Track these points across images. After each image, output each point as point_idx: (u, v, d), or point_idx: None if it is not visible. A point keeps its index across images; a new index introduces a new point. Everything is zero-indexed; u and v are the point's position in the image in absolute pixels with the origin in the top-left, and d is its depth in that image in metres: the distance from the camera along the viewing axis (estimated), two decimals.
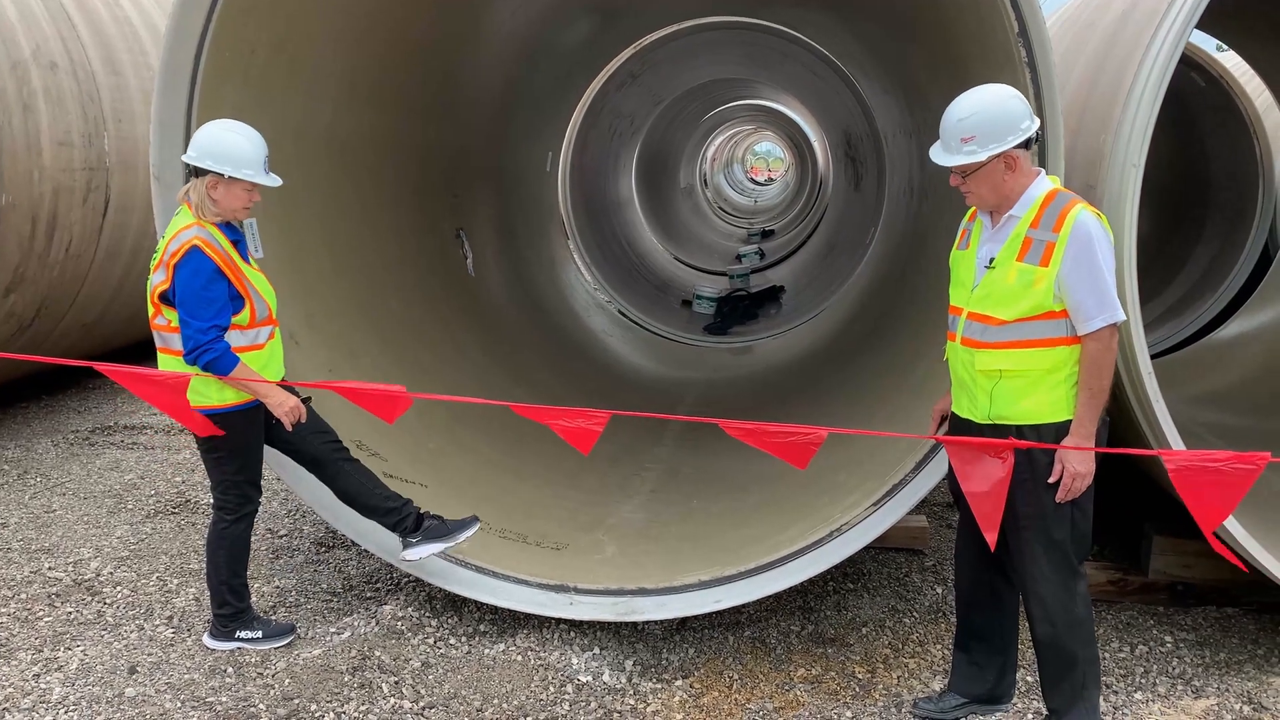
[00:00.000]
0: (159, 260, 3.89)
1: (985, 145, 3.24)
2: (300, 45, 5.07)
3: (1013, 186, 3.32)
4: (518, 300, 8.98)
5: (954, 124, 3.29)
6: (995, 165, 3.27)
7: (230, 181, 3.88)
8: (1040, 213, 3.28)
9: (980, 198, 3.36)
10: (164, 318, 3.92)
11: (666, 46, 11.12)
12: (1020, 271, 3.27)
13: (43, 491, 6.18)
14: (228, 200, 3.91)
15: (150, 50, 8.30)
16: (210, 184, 3.89)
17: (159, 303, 3.91)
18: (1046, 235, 3.24)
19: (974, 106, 3.28)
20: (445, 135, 7.43)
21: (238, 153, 3.87)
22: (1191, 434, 6.01)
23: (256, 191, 3.99)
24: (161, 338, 3.97)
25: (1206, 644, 4.49)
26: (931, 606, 4.80)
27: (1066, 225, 3.21)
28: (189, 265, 3.79)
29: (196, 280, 3.79)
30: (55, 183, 6.96)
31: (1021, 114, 3.28)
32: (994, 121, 3.24)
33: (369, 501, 4.30)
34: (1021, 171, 3.31)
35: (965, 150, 3.27)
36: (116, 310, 8.28)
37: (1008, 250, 3.32)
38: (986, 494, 3.27)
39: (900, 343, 6.44)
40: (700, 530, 5.26)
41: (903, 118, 7.91)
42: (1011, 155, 3.26)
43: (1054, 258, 3.21)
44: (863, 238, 11.21)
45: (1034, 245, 3.26)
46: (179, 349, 3.88)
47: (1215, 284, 9.04)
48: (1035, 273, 3.25)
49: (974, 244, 3.47)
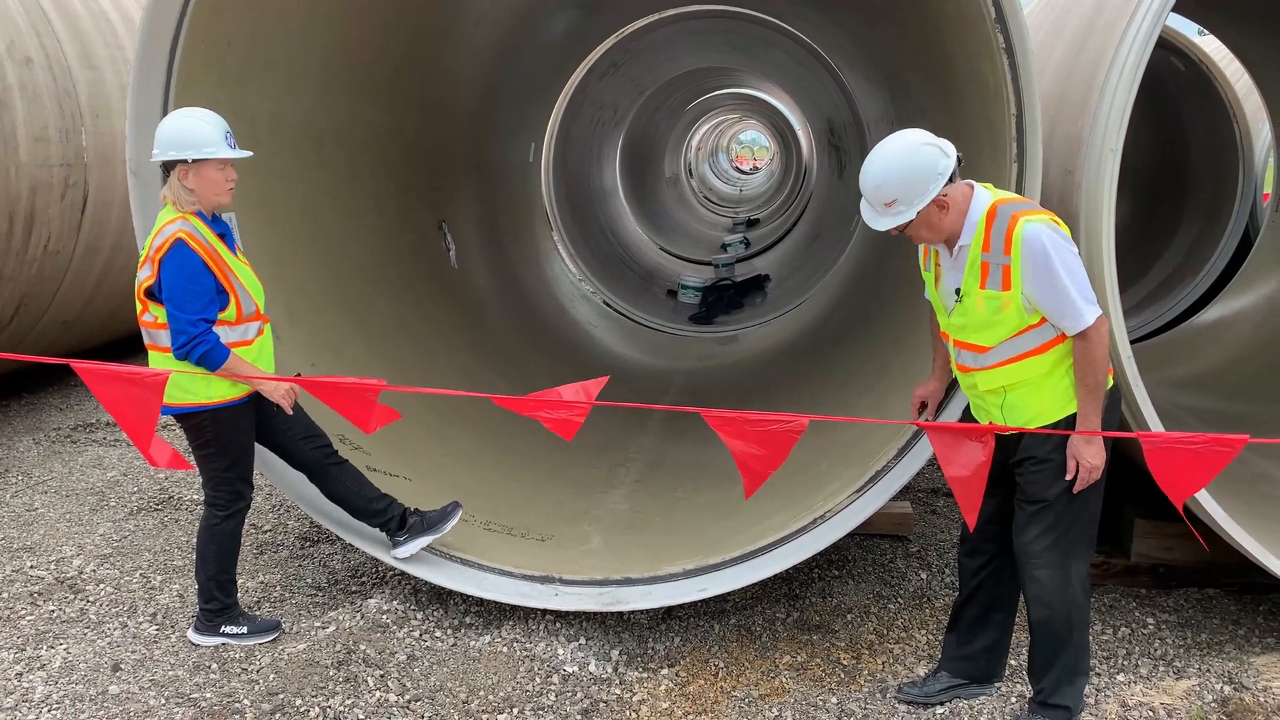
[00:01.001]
0: (145, 256, 3.86)
1: (909, 203, 3.25)
2: (276, 38, 5.04)
3: (953, 221, 3.32)
4: (501, 292, 8.96)
5: (872, 190, 3.29)
6: (928, 210, 3.26)
7: (200, 166, 3.84)
8: (987, 235, 3.27)
9: (925, 239, 3.40)
10: (151, 314, 3.90)
11: (648, 36, 11.09)
12: (987, 298, 3.30)
13: (24, 490, 6.14)
14: (203, 186, 3.87)
15: (127, 45, 8.22)
16: (181, 174, 3.85)
17: (145, 299, 3.88)
18: (999, 259, 3.24)
19: (886, 171, 3.26)
20: (426, 127, 7.40)
21: (196, 134, 3.83)
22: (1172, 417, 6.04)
23: (230, 169, 3.94)
24: (150, 334, 3.94)
25: (1188, 625, 4.52)
26: (916, 592, 4.83)
27: (1015, 245, 3.20)
28: (174, 259, 3.77)
29: (182, 274, 3.77)
30: (32, 179, 6.90)
31: (934, 160, 3.24)
32: (909, 180, 3.23)
33: (357, 504, 4.34)
34: (955, 204, 3.30)
35: (893, 212, 3.27)
36: (97, 307, 8.22)
37: (970, 278, 3.34)
38: (968, 478, 3.29)
39: (883, 331, 6.46)
40: (685, 520, 5.27)
41: (885, 106, 7.92)
42: (938, 198, 3.25)
43: (1013, 279, 3.23)
44: (846, 226, 11.22)
45: (991, 269, 3.27)
46: (168, 345, 3.86)
47: (1196, 268, 9.09)
48: (1001, 298, 3.27)
49: (936, 270, 3.49)
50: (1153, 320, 8.93)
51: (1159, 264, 9.54)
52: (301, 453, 4.24)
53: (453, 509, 4.45)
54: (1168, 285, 9.28)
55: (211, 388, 3.89)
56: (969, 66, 4.54)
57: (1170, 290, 9.18)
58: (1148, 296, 9.40)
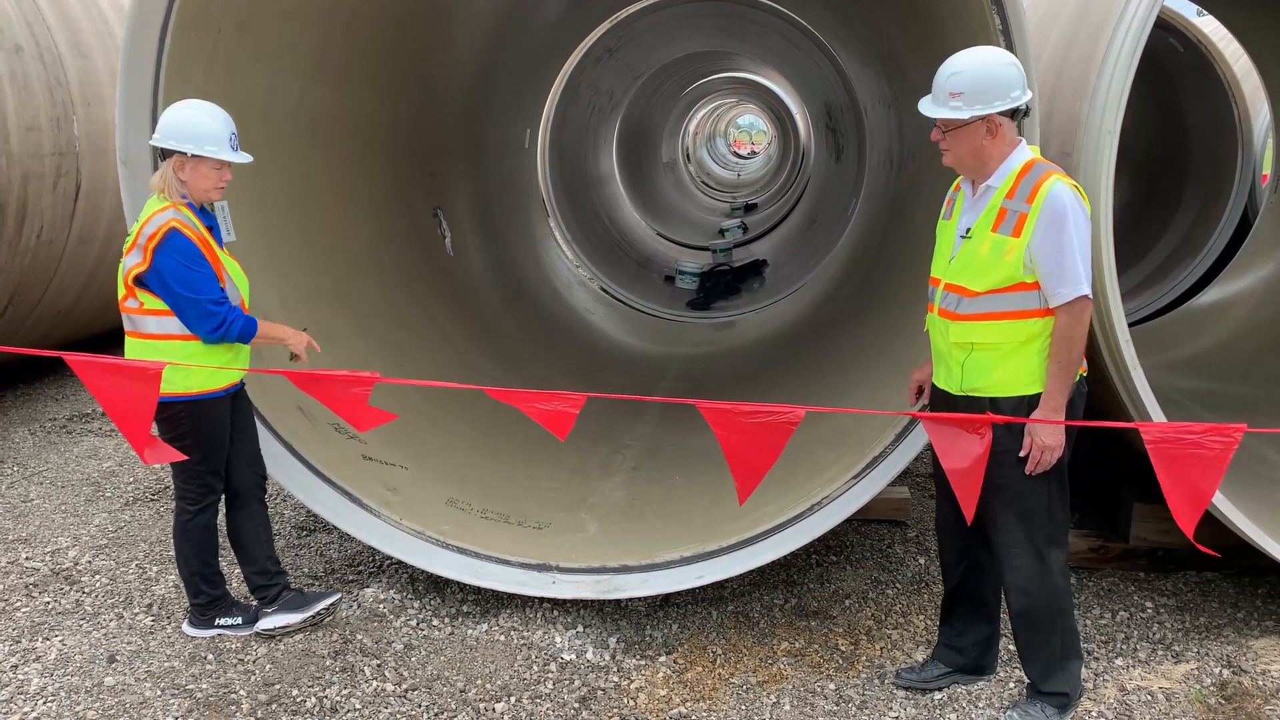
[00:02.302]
0: (132, 243, 3.80)
1: (971, 104, 3.22)
2: (266, 23, 4.98)
3: (991, 154, 3.29)
4: (497, 279, 8.93)
5: (945, 78, 3.27)
6: (977, 127, 3.24)
7: (197, 160, 3.80)
8: (1016, 183, 3.27)
9: (956, 157, 3.34)
10: (136, 300, 3.84)
11: (643, 20, 11.03)
12: (994, 242, 3.26)
13: (19, 481, 6.12)
14: (196, 180, 3.84)
15: (117, 32, 8.16)
16: (176, 164, 3.82)
17: (133, 285, 3.82)
18: (1020, 206, 3.23)
19: (968, 64, 3.26)
20: (420, 112, 7.35)
21: (201, 130, 3.80)
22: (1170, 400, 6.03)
23: (226, 170, 3.91)
24: (131, 320, 3.88)
25: (1186, 609, 4.52)
26: (914, 577, 4.82)
27: (1040, 196, 3.19)
28: (172, 247, 3.72)
29: (186, 261, 3.74)
30: (24, 169, 6.85)
31: (1014, 82, 3.25)
32: (984, 82, 3.22)
33: (254, 552, 4.21)
34: (1003, 140, 3.28)
35: (950, 105, 3.24)
36: (91, 296, 8.19)
37: (983, 220, 3.31)
38: (966, 470, 3.25)
39: (880, 315, 6.43)
40: (682, 507, 5.25)
41: (881, 88, 7.87)
42: (995, 121, 3.24)
43: (1025, 228, 3.20)
44: (844, 210, 11.19)
45: (1008, 215, 3.25)
46: (150, 332, 3.82)
47: (1194, 250, 9.06)
48: (1007, 243, 3.23)
49: (956, 214, 3.46)
50: (1152, 302, 8.90)
51: (1157, 246, 9.51)
52: (242, 473, 4.16)
53: (330, 594, 4.32)
54: (1166, 267, 9.25)
55: (190, 378, 3.83)
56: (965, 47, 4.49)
57: (1169, 272, 9.15)
58: (1146, 279, 9.37)
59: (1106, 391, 4.28)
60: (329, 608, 4.27)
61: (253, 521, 4.20)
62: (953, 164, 3.39)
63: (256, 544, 4.20)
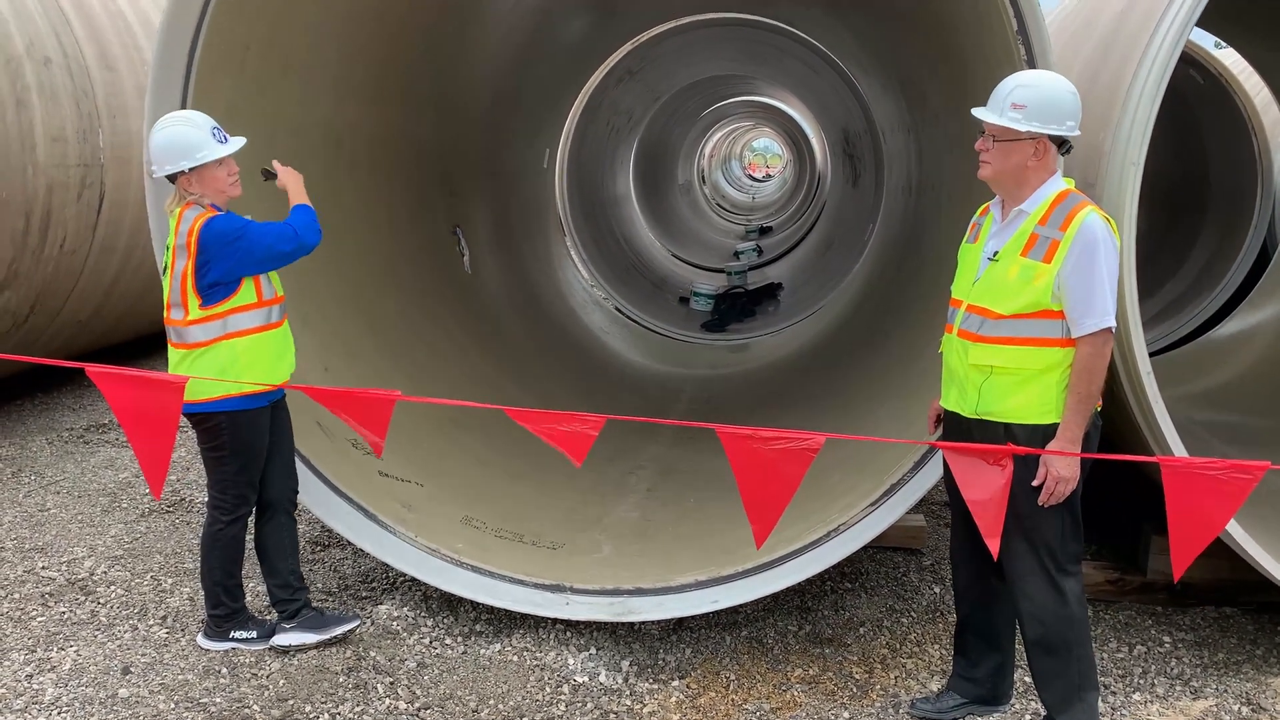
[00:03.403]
0: (173, 251, 3.85)
1: (1030, 119, 3.23)
2: (294, 39, 5.04)
3: (1030, 176, 3.30)
4: (514, 297, 8.95)
5: (1010, 88, 3.29)
6: (1026, 145, 3.26)
7: (199, 170, 3.85)
8: (1050, 211, 3.28)
9: (996, 171, 3.34)
10: (183, 309, 3.85)
11: (664, 43, 11.09)
12: (1023, 267, 3.27)
13: (37, 490, 6.15)
14: (207, 186, 3.89)
15: (144, 45, 8.25)
16: (184, 183, 3.87)
17: (189, 289, 3.82)
18: (1053, 233, 3.23)
19: (1036, 80, 3.31)
20: (442, 131, 7.40)
21: (186, 141, 3.83)
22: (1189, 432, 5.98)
23: (230, 161, 3.94)
24: (177, 333, 3.91)
25: (1205, 644, 4.48)
26: (929, 606, 4.79)
27: (1074, 225, 3.20)
28: (214, 226, 3.78)
29: (231, 228, 3.80)
30: (49, 179, 6.92)
31: (1072, 111, 3.28)
32: (1049, 101, 3.25)
33: (279, 565, 4.21)
34: (1044, 165, 3.30)
35: (1010, 115, 3.26)
36: (111, 306, 8.24)
37: (1013, 245, 3.32)
38: (988, 501, 3.24)
39: (898, 341, 6.42)
40: (697, 529, 5.24)
41: (901, 114, 7.89)
42: (1045, 143, 3.27)
43: (1057, 255, 3.21)
44: (860, 235, 11.19)
45: (1039, 241, 3.26)
46: (197, 340, 3.85)
47: (1213, 281, 9.03)
48: (1037, 269, 3.24)
49: (982, 238, 3.46)
50: (1170, 334, 8.87)
51: (1176, 277, 9.48)
52: (276, 485, 4.17)
53: (350, 617, 4.31)
54: (1185, 298, 9.22)
55: (239, 384, 3.86)
56: (988, 75, 4.50)
57: (1187, 303, 9.11)
58: (1164, 309, 9.34)
59: (1127, 423, 4.26)
60: (347, 633, 4.26)
61: (280, 534, 4.21)
62: (989, 177, 3.38)
63: (281, 557, 4.21)
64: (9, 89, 6.57)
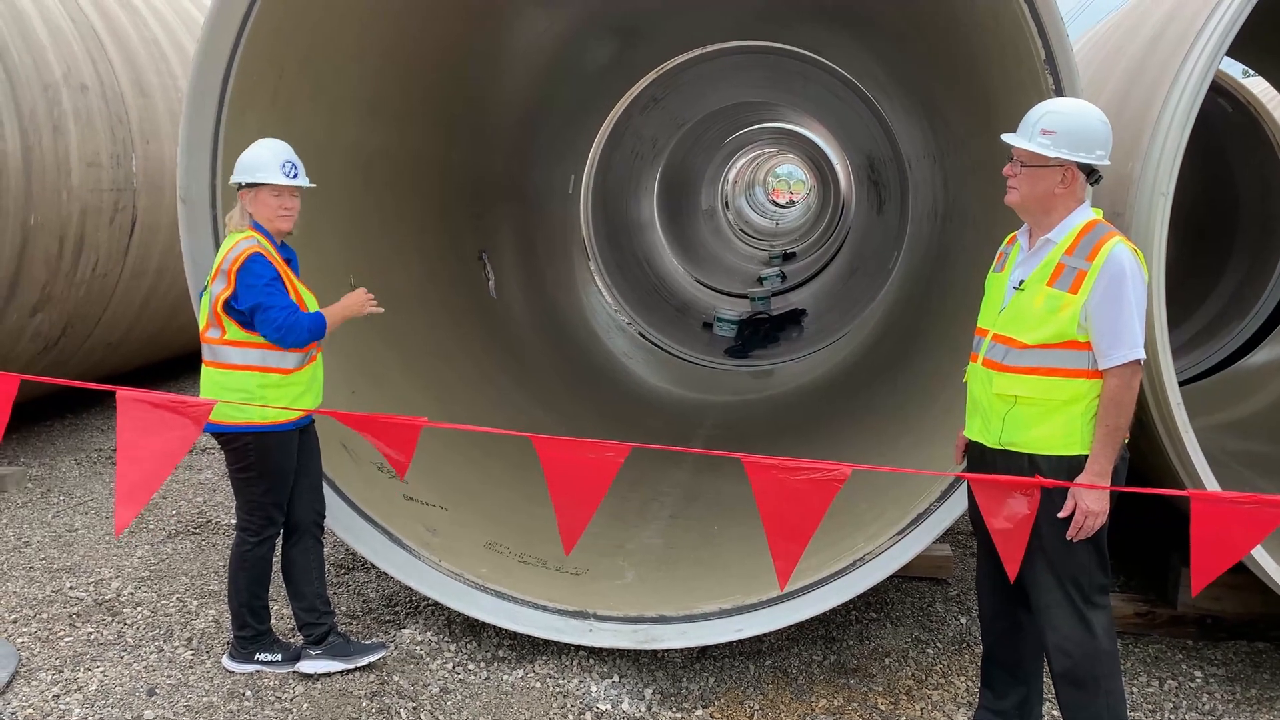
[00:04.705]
0: (215, 271, 3.93)
1: (1059, 146, 3.22)
2: (325, 66, 5.11)
3: (1057, 204, 3.29)
4: (539, 321, 8.99)
5: (1040, 114, 3.29)
6: (1054, 172, 3.25)
7: (256, 190, 3.97)
8: (1077, 241, 3.26)
9: (1023, 198, 3.33)
10: (219, 329, 3.94)
11: (689, 70, 11.16)
12: (1048, 296, 3.25)
13: (65, 510, 6.20)
14: (259, 209, 4.00)
15: (178, 72, 8.39)
16: (243, 196, 4.02)
17: (221, 313, 3.92)
18: (1079, 263, 3.21)
19: (1066, 107, 3.31)
20: (469, 156, 7.46)
21: (255, 160, 3.98)
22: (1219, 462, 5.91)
23: (286, 197, 4.03)
24: (212, 351, 3.98)
25: (1237, 679, 4.40)
26: (955, 637, 4.74)
27: (1101, 256, 3.18)
28: (252, 269, 3.87)
29: (261, 279, 3.87)
30: (83, 203, 7.02)
31: (1102, 141, 3.27)
32: (1079, 129, 3.24)
33: (304, 588, 4.22)
34: (1072, 194, 3.29)
35: (1039, 141, 3.25)
36: (141, 328, 8.33)
37: (1039, 274, 3.30)
38: (1011, 531, 3.21)
39: (924, 369, 6.39)
40: (720, 556, 5.21)
41: (926, 141, 7.89)
42: (1073, 171, 3.25)
43: (1084, 286, 3.18)
44: (885, 262, 11.17)
45: (1065, 271, 3.24)
46: (231, 362, 3.93)
47: (1243, 310, 8.93)
48: (1063, 299, 3.22)
49: (1009, 267, 3.45)
50: (1200, 362, 8.77)
51: (1205, 305, 9.38)
52: (302, 508, 4.20)
53: (376, 647, 4.30)
54: (1214, 326, 9.12)
55: (265, 412, 3.91)
56: (1015, 104, 4.50)
57: (1217, 332, 9.02)
58: (1194, 337, 9.24)
59: (1157, 454, 4.22)
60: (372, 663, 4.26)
61: (306, 557, 4.23)
62: (1015, 204, 3.37)
63: (307, 580, 4.22)
64: (46, 115, 6.69)
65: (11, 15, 6.68)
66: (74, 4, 7.45)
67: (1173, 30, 4.57)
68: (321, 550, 4.29)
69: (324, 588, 4.29)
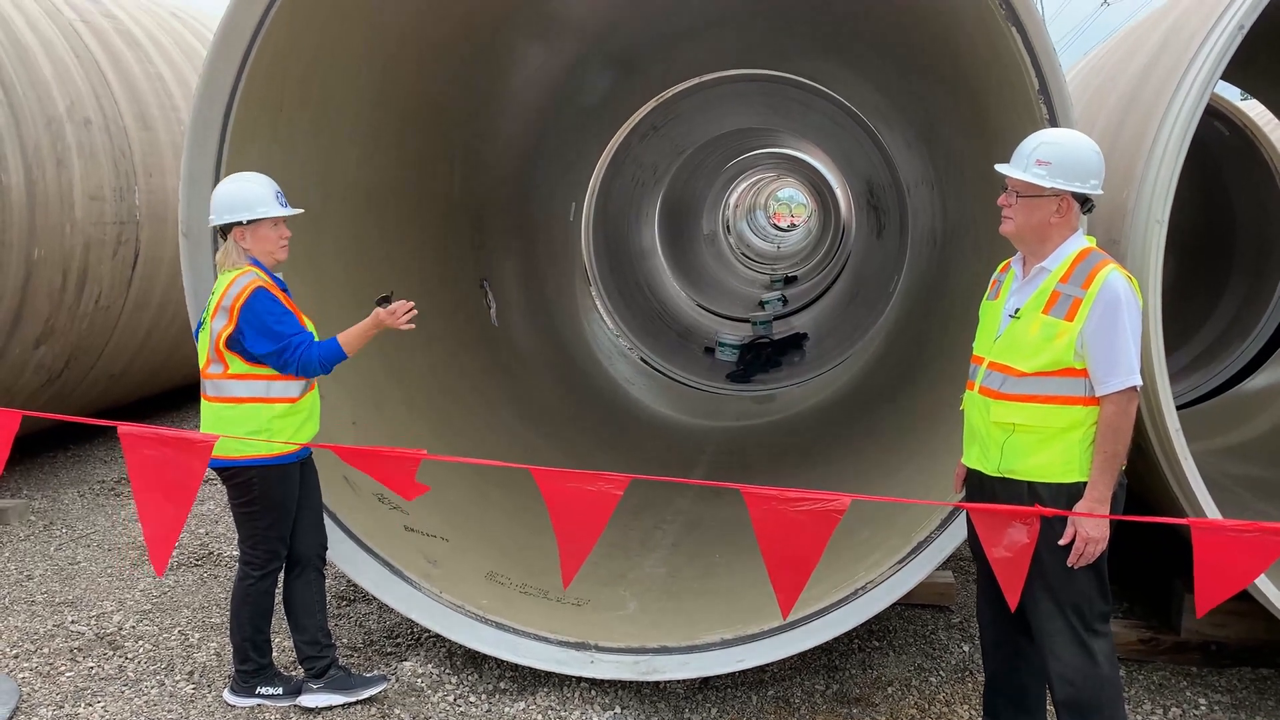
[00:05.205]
0: (215, 309, 3.93)
1: (1054, 176, 3.26)
2: (326, 99, 5.15)
3: (1052, 233, 3.32)
4: (541, 349, 9.01)
5: (1035, 145, 3.32)
6: (1049, 202, 3.28)
7: (255, 225, 3.97)
8: (1071, 269, 3.28)
9: (1018, 228, 3.35)
10: (221, 364, 3.94)
11: (688, 99, 11.23)
12: (1044, 324, 3.27)
13: (68, 543, 6.21)
14: (259, 244, 3.99)
15: (181, 105, 8.46)
16: (238, 235, 3.99)
17: (223, 349, 3.92)
18: (1075, 291, 3.24)
19: (1060, 138, 3.35)
20: (470, 186, 7.51)
21: (248, 196, 3.97)
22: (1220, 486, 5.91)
23: (284, 226, 4.05)
24: (215, 386, 3.98)
25: (1241, 706, 4.38)
26: (958, 665, 4.72)
27: (1096, 283, 3.20)
28: (259, 302, 3.88)
29: (272, 313, 3.88)
30: (86, 236, 7.07)
31: (1096, 170, 3.31)
32: (1073, 159, 3.27)
33: (305, 622, 4.21)
34: (1067, 223, 3.32)
35: (1034, 171, 3.28)
36: (143, 360, 8.36)
37: (1034, 302, 3.32)
38: (1011, 560, 3.21)
39: (924, 395, 6.40)
40: (722, 585, 5.21)
41: (925, 169, 7.93)
42: (1068, 200, 3.28)
43: (1080, 314, 3.21)
44: (886, 286, 11.20)
45: (1061, 299, 3.26)
46: (236, 395, 3.93)
47: (1243, 333, 8.93)
48: (1059, 326, 3.24)
49: (1003, 295, 3.47)
50: (1200, 385, 8.77)
51: (1205, 328, 9.39)
52: (305, 541, 4.20)
53: (378, 679, 4.29)
54: (1215, 349, 9.13)
55: (271, 445, 3.92)
56: (1010, 132, 4.54)
57: (1217, 355, 9.02)
58: (1194, 360, 9.25)
59: (1157, 480, 4.22)
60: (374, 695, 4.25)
61: (308, 590, 4.22)
62: (1011, 233, 3.39)
63: (309, 614, 4.22)
64: (50, 149, 6.75)
65: (16, 51, 6.75)
66: (78, 39, 7.53)
67: (1166, 58, 4.60)
68: (323, 583, 4.29)
69: (325, 621, 4.28)
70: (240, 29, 4.40)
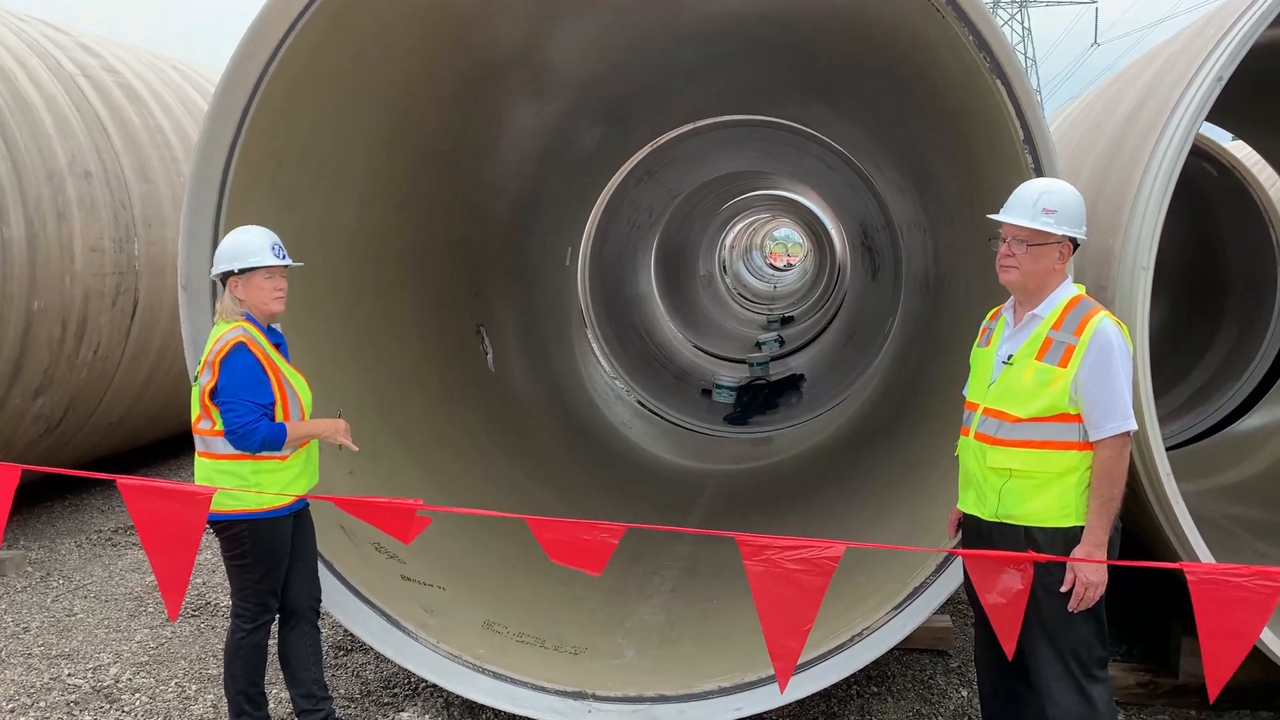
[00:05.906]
0: (204, 364, 3.96)
1: (1062, 223, 3.33)
2: (325, 153, 5.23)
3: (1051, 280, 3.38)
4: (538, 394, 9.04)
5: (1037, 193, 3.39)
6: (1053, 249, 3.35)
7: (248, 275, 3.98)
8: (1063, 316, 3.34)
9: (1022, 276, 3.39)
10: (209, 421, 3.95)
11: (682, 144, 11.36)
12: (1038, 370, 3.31)
13: (65, 594, 6.19)
14: (252, 295, 4.00)
15: (180, 157, 8.55)
16: (232, 285, 4.00)
17: (209, 404, 3.94)
18: (1068, 337, 3.29)
19: (1058, 187, 3.42)
20: (467, 233, 7.58)
21: (242, 246, 4.00)
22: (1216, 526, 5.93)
23: (278, 277, 4.05)
24: (204, 442, 3.99)
25: None
26: (957, 710, 4.71)
27: (1088, 330, 3.26)
28: (235, 360, 3.88)
29: (242, 373, 3.88)
30: (86, 287, 7.13)
31: (1085, 215, 3.41)
32: (1074, 207, 3.37)
33: (302, 674, 4.21)
34: (1063, 270, 3.40)
35: (1043, 220, 3.33)
36: (142, 409, 8.38)
37: (1027, 349, 3.36)
38: (1005, 607, 3.23)
39: (921, 437, 6.42)
40: (720, 631, 5.20)
41: (917, 213, 8.02)
42: (1069, 247, 3.37)
43: (1073, 360, 3.26)
44: (881, 327, 11.27)
45: (1054, 346, 3.31)
46: (221, 452, 3.93)
47: (1236, 373, 8.98)
48: (1053, 373, 3.28)
49: (994, 342, 3.51)
50: (1193, 426, 8.80)
51: (1198, 369, 9.44)
52: (298, 593, 4.19)
53: None
54: (1208, 390, 9.17)
55: (261, 498, 3.93)
56: (1000, 181, 4.61)
57: (1210, 395, 9.06)
58: (1188, 401, 9.28)
59: (1150, 523, 4.24)
60: None
61: (303, 642, 4.21)
62: (1014, 282, 3.42)
63: (304, 666, 4.21)
64: (50, 202, 6.83)
65: (18, 105, 6.85)
66: (80, 93, 7.64)
67: (1150, 105, 4.68)
68: (318, 635, 4.29)
69: (321, 673, 4.27)
70: (240, 85, 4.46)
